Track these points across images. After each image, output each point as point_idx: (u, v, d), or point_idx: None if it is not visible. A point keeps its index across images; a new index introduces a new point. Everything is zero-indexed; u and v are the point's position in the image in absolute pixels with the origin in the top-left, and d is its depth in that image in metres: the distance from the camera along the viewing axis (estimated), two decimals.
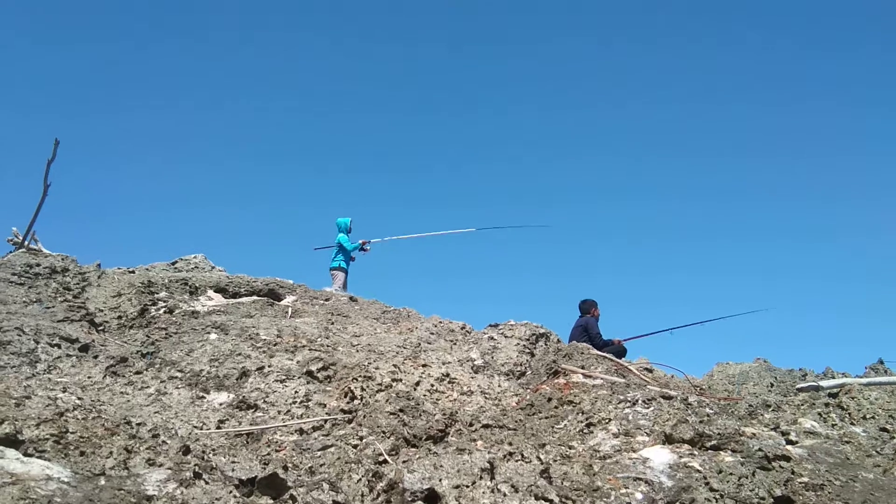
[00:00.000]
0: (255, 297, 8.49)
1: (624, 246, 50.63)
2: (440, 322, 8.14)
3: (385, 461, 4.17)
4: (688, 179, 53.67)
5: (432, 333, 7.59)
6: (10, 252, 8.57)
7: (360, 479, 3.96)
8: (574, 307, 9.84)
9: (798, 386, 6.81)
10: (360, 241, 12.82)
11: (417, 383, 5.97)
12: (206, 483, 3.34)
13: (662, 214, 50.99)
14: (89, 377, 5.17)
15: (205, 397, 5.31)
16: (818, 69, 52.69)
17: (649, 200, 51.95)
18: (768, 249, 47.66)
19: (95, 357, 5.51)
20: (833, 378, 7.46)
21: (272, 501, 3.47)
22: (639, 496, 3.70)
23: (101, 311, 6.95)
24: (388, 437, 4.64)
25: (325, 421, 5.10)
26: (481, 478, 3.69)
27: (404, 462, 4.13)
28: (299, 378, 5.75)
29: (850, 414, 5.70)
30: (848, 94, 50.55)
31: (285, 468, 3.96)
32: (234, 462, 3.70)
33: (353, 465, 4.08)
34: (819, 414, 5.75)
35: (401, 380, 5.89)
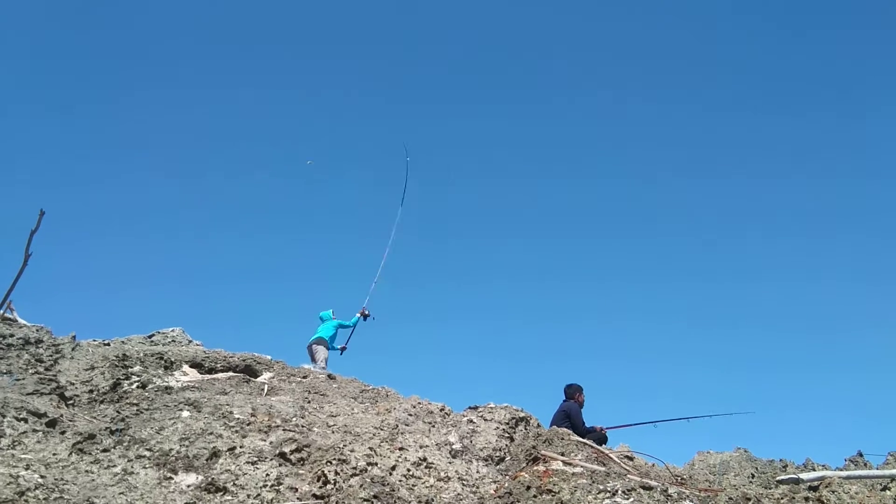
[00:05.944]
0: (230, 373, 8.34)
1: (611, 331, 49.52)
2: (419, 403, 8.01)
3: None
4: (683, 262, 52.34)
5: (410, 415, 7.47)
6: None
7: None
8: (556, 390, 9.75)
9: (778, 478, 6.73)
10: (359, 314, 12.50)
11: (393, 468, 5.84)
12: None
13: (649, 299, 49.96)
14: (54, 454, 5.00)
15: (172, 478, 5.15)
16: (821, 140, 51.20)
17: (637, 283, 51.22)
18: (751, 339, 46.65)
19: (62, 433, 5.35)
20: (814, 470, 7.39)
21: None
22: None
23: (73, 384, 6.78)
24: None
25: None
26: None
27: None
28: (272, 460, 5.60)
29: None
30: (855, 164, 49.12)
31: None
32: None
33: None
34: None
35: (376, 464, 5.76)
